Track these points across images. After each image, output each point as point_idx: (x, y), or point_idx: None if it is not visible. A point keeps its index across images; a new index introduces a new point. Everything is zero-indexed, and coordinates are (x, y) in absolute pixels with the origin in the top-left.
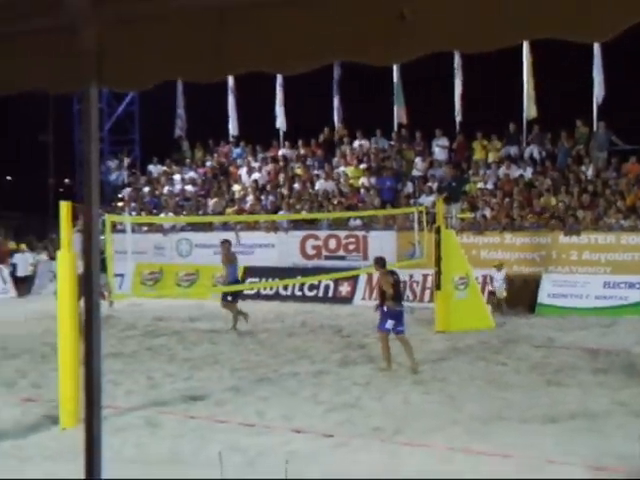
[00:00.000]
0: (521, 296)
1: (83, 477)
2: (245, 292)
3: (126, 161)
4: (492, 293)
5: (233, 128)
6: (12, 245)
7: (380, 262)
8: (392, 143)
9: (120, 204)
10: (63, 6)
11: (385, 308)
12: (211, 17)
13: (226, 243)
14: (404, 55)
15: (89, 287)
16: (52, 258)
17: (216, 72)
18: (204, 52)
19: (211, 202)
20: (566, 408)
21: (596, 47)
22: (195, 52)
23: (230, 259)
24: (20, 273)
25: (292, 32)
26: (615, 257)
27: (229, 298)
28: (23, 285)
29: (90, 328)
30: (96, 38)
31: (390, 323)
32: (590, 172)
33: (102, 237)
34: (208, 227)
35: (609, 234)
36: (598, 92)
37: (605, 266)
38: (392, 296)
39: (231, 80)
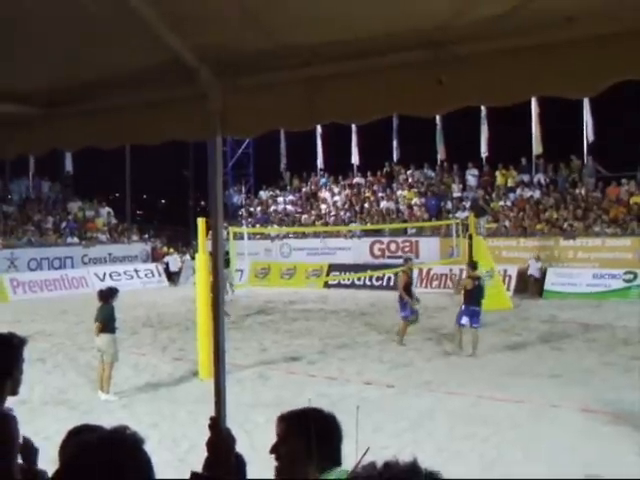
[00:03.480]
0: (532, 285)
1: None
2: (330, 282)
3: (244, 189)
4: (530, 277)
5: (320, 163)
6: (165, 249)
7: (472, 265)
8: (436, 173)
9: (239, 219)
10: (197, 78)
11: (463, 307)
12: (303, 83)
13: None
14: (440, 110)
15: (216, 279)
16: (193, 258)
17: (306, 123)
18: (297, 109)
19: (305, 217)
20: (565, 366)
21: (586, 100)
22: (290, 109)
23: None
24: (172, 269)
25: (359, 95)
26: (601, 256)
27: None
28: (173, 278)
29: (217, 308)
30: (220, 101)
31: (465, 319)
32: (582, 193)
33: (227, 243)
34: (303, 235)
35: (597, 239)
36: (588, 133)
37: (593, 262)
38: (467, 297)
39: (318, 127)
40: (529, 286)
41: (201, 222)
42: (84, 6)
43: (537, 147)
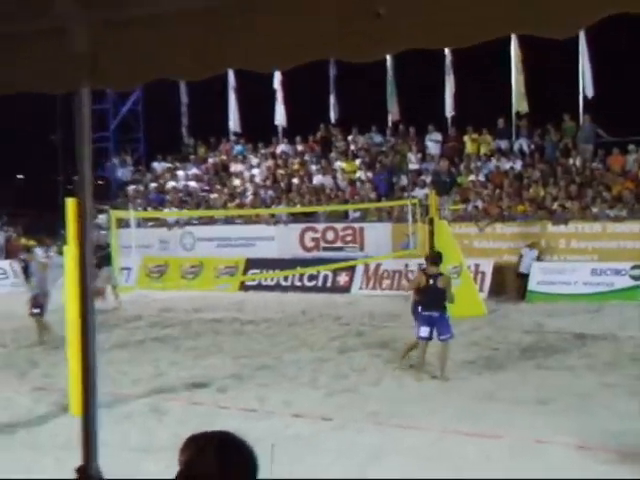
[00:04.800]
0: (511, 284)
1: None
2: (247, 283)
3: (131, 159)
4: (520, 275)
5: (234, 125)
6: (24, 241)
7: (434, 259)
8: (386, 138)
9: (126, 200)
10: (54, 9)
11: (420, 311)
12: (197, 19)
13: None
14: (379, 51)
15: (83, 279)
16: (60, 253)
17: (202, 71)
18: (191, 52)
19: (213, 197)
20: (555, 390)
21: (582, 44)
22: (181, 52)
23: (41, 267)
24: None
25: (272, 32)
26: (601, 245)
27: (35, 311)
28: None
29: (85, 320)
30: (87, 40)
31: (425, 330)
32: (577, 164)
33: (108, 232)
34: (211, 221)
35: (595, 223)
36: (586, 87)
37: (592, 254)
38: (421, 299)
39: (232, 78)
40: (519, 283)
41: (71, 204)
42: None
43: (519, 104)
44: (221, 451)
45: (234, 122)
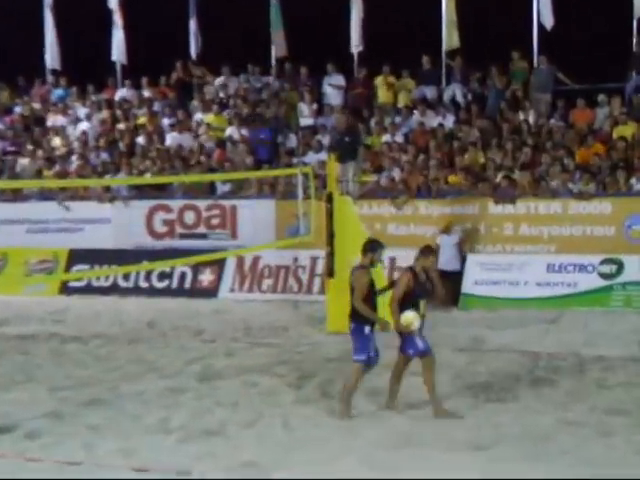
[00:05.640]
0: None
1: None
2: (71, 284)
3: None
4: (444, 274)
5: (51, 61)
6: None
7: (425, 252)
8: (269, 82)
9: None
10: None
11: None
12: None
13: None
14: None
15: None
16: None
17: None
18: None
19: (23, 162)
20: (499, 430)
21: None
22: None
23: None
24: None
25: None
26: (562, 231)
27: None
28: None
29: None
30: None
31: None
32: (530, 120)
33: None
34: (18, 196)
35: (554, 201)
36: (542, 16)
37: (548, 243)
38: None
39: None
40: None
41: None
42: None
43: (450, 38)
44: None
45: (51, 56)
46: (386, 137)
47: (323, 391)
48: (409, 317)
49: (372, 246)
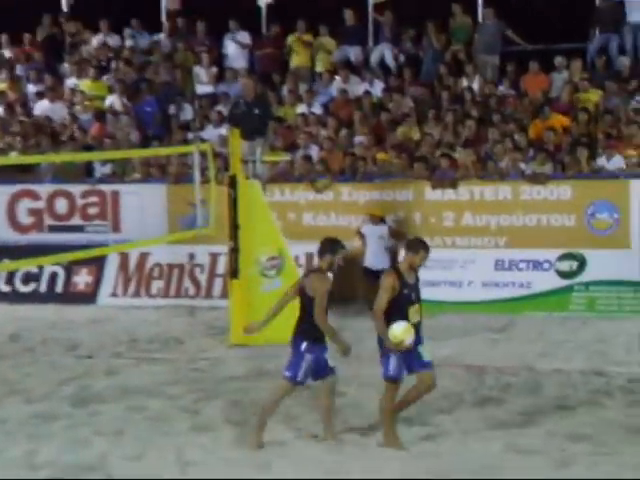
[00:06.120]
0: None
1: None
2: None
3: None
4: (369, 273)
5: None
6: None
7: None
8: (158, 40)
9: None
10: None
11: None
12: None
13: None
14: None
15: None
16: None
17: None
18: None
19: None
20: (436, 461)
21: None
22: None
23: None
24: None
25: None
26: (512, 221)
27: None
28: None
29: None
30: None
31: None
32: (474, 87)
33: None
34: None
35: (503, 185)
36: None
37: (497, 236)
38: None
39: None
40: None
41: None
42: None
43: None
44: None
45: None
46: (301, 108)
47: (225, 416)
48: (398, 331)
49: (331, 246)
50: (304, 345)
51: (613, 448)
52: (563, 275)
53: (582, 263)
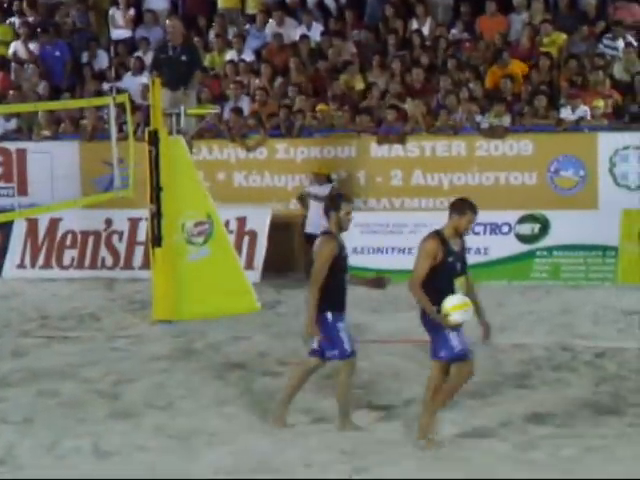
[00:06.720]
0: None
1: None
2: None
3: None
4: (310, 238)
5: None
6: None
7: None
8: None
9: None
10: None
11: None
12: None
13: None
14: None
15: None
16: None
17: None
18: None
19: None
20: (380, 448)
21: None
22: None
23: None
24: None
25: None
26: (467, 180)
27: None
28: None
29: None
30: None
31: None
32: (424, 30)
33: None
34: None
35: (456, 140)
36: None
37: (450, 196)
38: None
39: None
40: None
41: None
42: None
43: None
44: None
45: None
46: (231, 54)
47: (148, 401)
48: (451, 306)
49: (333, 203)
50: (329, 317)
51: (578, 430)
52: (524, 239)
53: (545, 226)
